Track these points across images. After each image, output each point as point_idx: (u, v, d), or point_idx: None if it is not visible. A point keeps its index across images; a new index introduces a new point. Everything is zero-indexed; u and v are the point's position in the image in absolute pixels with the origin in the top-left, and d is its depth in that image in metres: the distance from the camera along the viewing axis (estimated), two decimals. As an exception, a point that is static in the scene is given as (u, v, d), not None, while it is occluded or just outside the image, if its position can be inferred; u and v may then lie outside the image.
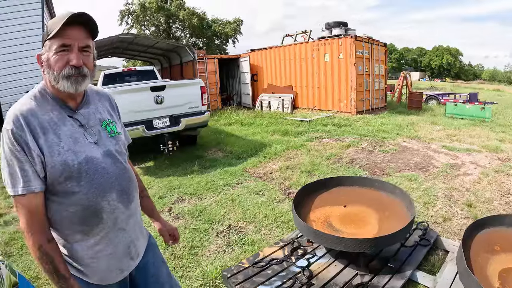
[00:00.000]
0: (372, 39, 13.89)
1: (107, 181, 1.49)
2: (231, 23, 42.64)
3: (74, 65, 1.41)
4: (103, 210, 1.47)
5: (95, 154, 1.48)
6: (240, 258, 3.60)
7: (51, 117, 1.41)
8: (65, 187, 1.40)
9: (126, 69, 11.41)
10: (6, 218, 5.14)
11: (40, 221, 1.37)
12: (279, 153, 7.61)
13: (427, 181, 5.54)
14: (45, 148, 1.35)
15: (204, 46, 40.90)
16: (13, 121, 1.34)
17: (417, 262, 3.14)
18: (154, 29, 40.32)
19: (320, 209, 3.52)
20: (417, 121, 11.19)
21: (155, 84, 7.34)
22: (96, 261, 1.49)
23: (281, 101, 15.10)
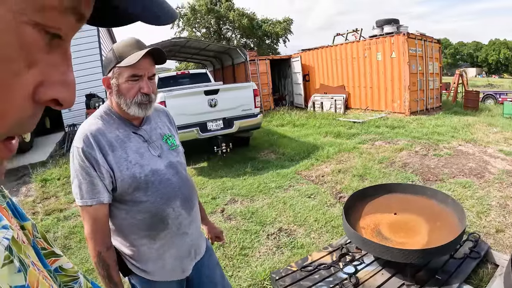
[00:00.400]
0: (425, 36, 13.38)
1: (172, 190, 1.64)
2: (281, 23, 42.50)
3: (145, 93, 1.56)
4: (168, 217, 1.62)
5: (159, 166, 1.63)
6: (289, 261, 3.68)
7: (117, 135, 1.57)
8: (133, 197, 1.57)
9: (180, 72, 11.72)
10: (66, 213, 5.54)
11: (102, 230, 1.54)
12: (331, 156, 7.62)
13: (482, 188, 5.35)
14: (114, 164, 1.52)
15: (255, 46, 41.07)
16: (83, 140, 1.49)
17: (465, 275, 3.07)
18: (205, 31, 40.93)
19: (370, 216, 3.55)
20: (473, 122, 10.74)
21: (208, 88, 7.54)
22: (161, 262, 1.65)
23: (334, 102, 14.97)
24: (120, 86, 1.54)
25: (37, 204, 6.15)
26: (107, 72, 1.56)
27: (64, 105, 0.44)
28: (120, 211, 1.59)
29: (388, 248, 2.83)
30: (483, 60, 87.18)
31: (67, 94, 0.44)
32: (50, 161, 8.97)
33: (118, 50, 1.53)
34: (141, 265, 1.64)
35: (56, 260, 0.79)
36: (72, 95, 0.45)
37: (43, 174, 7.68)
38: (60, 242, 4.56)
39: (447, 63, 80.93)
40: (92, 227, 1.51)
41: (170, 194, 1.63)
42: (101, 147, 1.50)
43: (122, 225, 1.60)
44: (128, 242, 1.63)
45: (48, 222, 5.27)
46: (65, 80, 0.43)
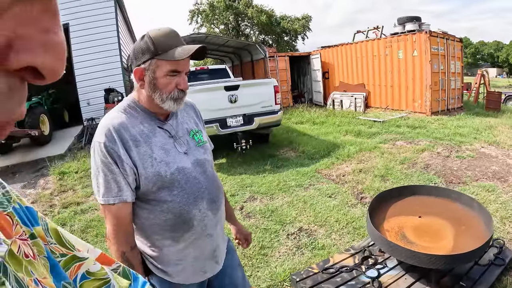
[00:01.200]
0: (448, 34, 13.10)
1: (199, 190, 1.57)
2: (299, 20, 42.29)
3: (182, 89, 1.51)
4: (194, 218, 1.55)
5: (185, 164, 1.56)
6: (309, 262, 3.64)
7: (142, 129, 1.50)
8: (158, 196, 1.50)
9: (199, 67, 11.73)
10: (83, 207, 5.58)
11: (126, 229, 1.48)
12: (352, 155, 7.53)
13: (506, 193, 5.20)
14: (137, 160, 1.45)
15: (274, 43, 40.98)
16: (105, 134, 1.41)
17: (489, 283, 2.99)
18: (223, 27, 40.95)
19: (394, 218, 3.47)
20: (495, 124, 10.49)
21: (229, 83, 7.51)
22: (182, 263, 1.59)
23: (353, 100, 14.83)
24: (157, 79, 1.46)
25: (54, 197, 6.22)
26: (141, 62, 1.46)
27: (46, 75, 0.34)
28: (142, 211, 1.52)
29: (414, 252, 2.76)
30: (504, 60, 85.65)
31: (50, 60, 0.33)
32: (68, 155, 9.06)
33: (157, 40, 1.43)
34: (162, 266, 1.58)
35: (81, 265, 0.70)
36: (58, 62, 0.34)
37: (61, 167, 7.76)
38: (77, 236, 4.54)
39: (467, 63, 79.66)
40: (115, 226, 1.46)
41: (196, 194, 1.56)
42: (124, 142, 1.43)
43: (144, 225, 1.54)
44: (150, 243, 1.57)
45: (65, 215, 5.32)
46: (47, 40, 0.33)
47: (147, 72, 1.46)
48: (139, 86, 1.51)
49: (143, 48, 1.45)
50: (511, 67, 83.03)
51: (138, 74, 1.48)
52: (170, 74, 1.46)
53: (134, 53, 1.49)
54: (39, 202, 6.02)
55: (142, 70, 1.47)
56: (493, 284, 3.04)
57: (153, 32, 1.46)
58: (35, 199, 6.18)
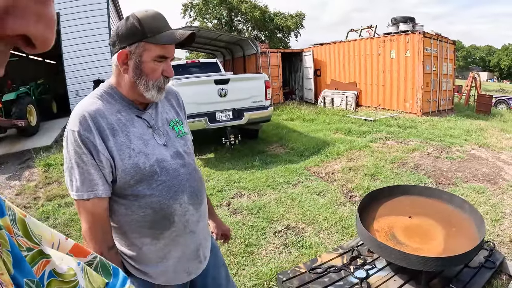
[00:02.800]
0: (441, 36, 13.15)
1: (179, 183, 1.46)
2: (293, 17, 42.30)
3: (167, 76, 1.40)
4: (175, 213, 1.44)
5: (165, 156, 1.45)
6: (296, 261, 3.56)
7: (119, 118, 1.37)
8: (135, 190, 1.38)
9: (190, 61, 11.60)
10: (68, 200, 5.45)
11: (103, 227, 1.36)
12: (341, 153, 7.46)
13: (496, 195, 5.17)
14: (115, 151, 1.32)
15: (266, 39, 40.92)
16: (80, 122, 1.28)
17: (480, 286, 2.94)
18: (216, 22, 40.77)
19: (384, 218, 3.39)
20: (485, 126, 10.56)
21: (219, 77, 7.40)
22: (164, 264, 1.48)
23: (345, 98, 14.80)
24: (144, 64, 1.34)
25: (39, 189, 6.07)
26: (126, 45, 1.33)
27: (37, 45, 0.36)
28: (119, 206, 1.40)
29: (405, 254, 2.68)
30: (495, 65, 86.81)
31: (42, 30, 0.35)
32: (55, 146, 8.89)
33: (146, 22, 1.31)
34: (141, 267, 1.46)
35: (48, 262, 0.61)
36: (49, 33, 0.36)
37: (47, 159, 7.60)
38: (60, 230, 4.44)
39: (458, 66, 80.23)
40: (91, 224, 1.33)
41: (177, 187, 1.45)
42: (100, 131, 1.30)
43: (121, 221, 1.41)
44: (127, 241, 1.45)
45: (49, 208, 5.18)
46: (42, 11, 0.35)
47: (132, 55, 1.34)
48: (122, 70, 1.37)
49: (129, 29, 1.32)
50: (502, 72, 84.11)
51: (122, 57, 1.35)
52: (158, 59, 1.35)
53: (118, 34, 1.35)
54: (23, 194, 5.88)
55: (127, 53, 1.34)
56: (483, 287, 2.98)
57: (141, 14, 1.33)
58: (20, 191, 6.03)
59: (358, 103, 14.89)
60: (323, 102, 15.80)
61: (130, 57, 1.34)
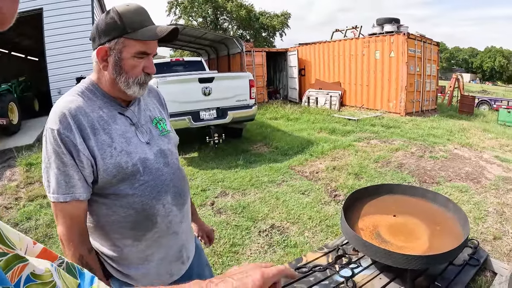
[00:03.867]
0: (425, 37, 13.35)
1: (163, 183, 1.42)
2: (278, 16, 42.46)
3: (148, 73, 1.35)
4: (157, 214, 1.39)
5: (148, 155, 1.40)
6: (281, 261, 3.54)
7: (101, 115, 1.32)
8: (117, 190, 1.33)
9: (174, 59, 11.50)
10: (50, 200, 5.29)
11: (81, 230, 1.30)
12: (326, 152, 7.46)
13: (478, 194, 5.24)
14: (96, 150, 1.27)
15: (252, 38, 40.95)
16: (60, 120, 1.22)
17: (465, 283, 2.96)
18: (201, 20, 40.66)
19: (369, 217, 3.38)
20: (468, 127, 10.75)
21: (203, 75, 7.34)
22: (146, 265, 1.43)
23: (329, 98, 14.86)
24: (124, 61, 1.29)
25: (20, 189, 5.93)
26: (105, 41, 1.28)
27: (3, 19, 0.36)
28: (100, 207, 1.34)
29: (390, 252, 2.67)
30: (477, 67, 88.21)
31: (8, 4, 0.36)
32: (37, 145, 8.72)
33: (127, 17, 1.25)
34: (123, 269, 1.40)
35: (25, 266, 0.57)
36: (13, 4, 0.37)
37: (29, 158, 7.44)
38: (41, 230, 4.36)
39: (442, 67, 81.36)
40: (68, 227, 1.26)
41: (160, 187, 1.40)
42: (81, 130, 1.24)
43: (102, 222, 1.36)
44: (108, 242, 1.39)
45: (30, 209, 5.06)
46: None
47: (112, 52, 1.28)
48: (101, 67, 1.32)
49: (109, 24, 1.27)
50: (484, 73, 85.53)
51: (101, 53, 1.29)
52: (138, 56, 1.30)
53: (98, 30, 1.30)
54: (4, 195, 5.74)
55: (107, 49, 1.29)
56: (468, 284, 3.01)
57: (121, 8, 1.28)
58: (1, 191, 5.89)
59: (342, 103, 14.97)
60: (308, 102, 15.84)
61: (110, 54, 1.29)
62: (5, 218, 4.88)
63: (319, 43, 16.46)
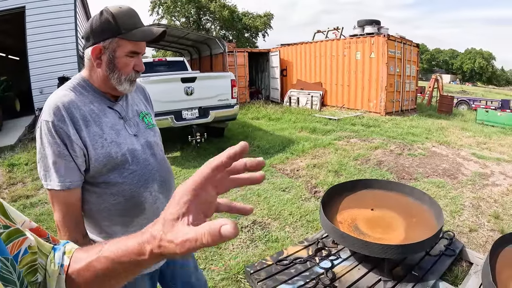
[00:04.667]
0: (405, 39, 13.62)
1: (150, 172, 1.51)
2: (261, 17, 42.52)
3: (138, 70, 1.44)
4: (145, 201, 1.48)
5: (136, 146, 1.49)
6: (263, 255, 3.60)
7: (92, 109, 1.40)
8: (107, 178, 1.41)
9: (157, 59, 11.50)
10: (33, 200, 5.31)
11: (76, 216, 1.38)
12: (306, 151, 7.57)
13: (455, 189, 5.41)
14: (88, 141, 1.35)
15: (234, 39, 40.94)
16: (54, 112, 1.30)
17: (441, 272, 3.07)
18: (184, 20, 40.49)
19: (347, 210, 3.48)
20: (447, 125, 11.00)
21: (185, 75, 7.38)
22: None
23: (310, 98, 15.00)
24: (117, 59, 1.38)
25: (3, 190, 5.89)
26: (99, 40, 1.37)
27: None
28: (90, 194, 1.42)
29: (366, 243, 2.77)
30: (458, 68, 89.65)
31: None
32: (19, 145, 8.62)
33: (120, 18, 1.35)
34: None
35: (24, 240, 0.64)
36: None
37: (11, 159, 7.36)
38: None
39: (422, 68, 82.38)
40: (64, 214, 1.34)
41: (147, 176, 1.49)
42: (74, 121, 1.32)
43: (93, 210, 1.43)
44: (98, 229, 1.47)
45: (14, 209, 5.03)
46: None
47: (106, 50, 1.38)
48: (95, 65, 1.41)
49: (103, 24, 1.36)
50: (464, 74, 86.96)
51: (95, 52, 1.38)
52: (130, 55, 1.41)
53: (92, 29, 1.38)
54: (-14, 195, 5.69)
55: (101, 48, 1.38)
56: (444, 273, 3.13)
57: (115, 9, 1.37)
58: (-17, 192, 5.84)
59: (323, 103, 15.12)
60: (289, 102, 15.96)
61: (104, 52, 1.38)
62: (-13, 218, 4.85)
63: (301, 43, 16.58)
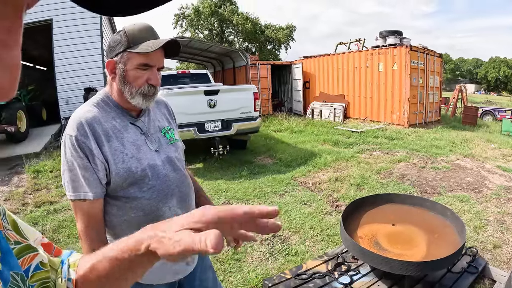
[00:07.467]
0: (428, 49, 13.43)
1: (169, 188, 1.53)
2: (284, 29, 42.70)
3: (152, 85, 1.46)
4: (163, 216, 1.49)
5: (156, 161, 1.52)
6: (282, 268, 3.59)
7: (114, 125, 1.46)
8: (127, 193, 1.45)
9: (181, 71, 11.65)
10: (57, 207, 5.45)
11: (98, 227, 1.43)
12: (328, 164, 7.54)
13: (479, 203, 5.29)
14: (109, 155, 1.40)
15: (257, 51, 41.19)
16: (77, 127, 1.36)
17: (462, 290, 3.00)
18: (207, 33, 41.03)
19: (368, 225, 3.46)
20: (471, 137, 10.73)
21: (209, 88, 7.48)
22: None
23: (333, 110, 14.94)
24: (127, 72, 1.43)
25: (27, 195, 6.06)
26: (113, 55, 1.44)
27: None
28: (111, 207, 1.47)
29: (386, 259, 2.74)
30: (482, 77, 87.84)
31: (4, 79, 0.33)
32: (44, 153, 8.86)
33: (131, 33, 1.41)
34: None
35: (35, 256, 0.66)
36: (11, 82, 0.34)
37: (36, 166, 7.58)
38: (48, 236, 4.46)
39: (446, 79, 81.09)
40: (85, 223, 1.40)
41: (166, 191, 1.52)
42: (96, 137, 1.38)
43: (113, 222, 1.48)
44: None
45: (37, 214, 5.18)
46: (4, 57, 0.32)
47: (118, 64, 1.44)
48: (110, 79, 1.48)
49: (116, 41, 1.43)
50: (489, 84, 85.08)
51: (110, 66, 1.46)
52: (141, 67, 1.43)
53: (109, 46, 1.48)
54: (11, 200, 5.87)
55: (114, 62, 1.44)
56: (466, 292, 3.04)
57: (129, 26, 1.45)
58: (8, 197, 6.02)
59: (346, 115, 15.04)
60: (312, 114, 15.92)
61: (117, 66, 1.44)
62: (12, 222, 5.00)
63: (324, 55, 16.58)
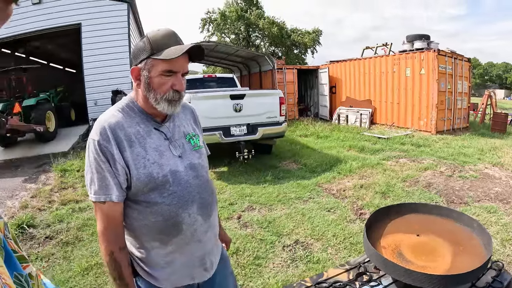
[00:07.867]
0: (456, 54, 13.11)
1: (190, 194, 1.55)
2: (310, 33, 42.52)
3: (177, 90, 1.49)
4: (183, 222, 1.52)
5: (179, 167, 1.54)
6: (303, 276, 3.57)
7: (138, 130, 1.49)
8: (148, 198, 1.48)
9: (207, 75, 11.76)
10: (82, 205, 5.62)
11: (116, 229, 1.46)
12: (354, 170, 7.48)
13: (507, 215, 5.11)
14: (130, 160, 1.43)
15: (283, 55, 41.18)
16: (100, 132, 1.41)
17: (486, 306, 2.93)
18: (234, 37, 41.25)
19: (392, 235, 3.41)
20: (500, 145, 10.36)
21: (234, 92, 7.53)
22: (169, 269, 1.56)
23: (359, 116, 14.81)
24: (152, 79, 1.45)
25: (54, 193, 6.25)
26: (138, 62, 1.47)
27: None
28: (132, 211, 1.51)
29: (409, 271, 2.69)
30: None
31: None
32: (72, 153, 9.11)
33: (154, 40, 1.44)
34: (149, 269, 1.55)
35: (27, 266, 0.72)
36: None
37: (64, 165, 7.81)
38: (72, 233, 4.62)
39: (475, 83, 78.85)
40: (105, 224, 1.44)
41: (187, 197, 1.54)
42: (118, 142, 1.43)
43: (133, 225, 1.52)
44: (138, 244, 1.55)
45: (63, 212, 5.36)
46: None
47: (142, 71, 1.47)
48: (136, 85, 1.52)
49: (140, 48, 1.46)
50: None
51: (134, 73, 1.49)
52: (165, 74, 1.46)
53: (133, 53, 1.51)
54: (38, 197, 6.07)
55: (139, 69, 1.48)
56: (490, 307, 2.97)
57: (152, 33, 1.47)
58: (35, 194, 6.23)
59: (372, 121, 14.86)
60: (338, 119, 15.83)
61: (141, 73, 1.47)
62: (38, 219, 5.20)
63: (350, 60, 16.45)
